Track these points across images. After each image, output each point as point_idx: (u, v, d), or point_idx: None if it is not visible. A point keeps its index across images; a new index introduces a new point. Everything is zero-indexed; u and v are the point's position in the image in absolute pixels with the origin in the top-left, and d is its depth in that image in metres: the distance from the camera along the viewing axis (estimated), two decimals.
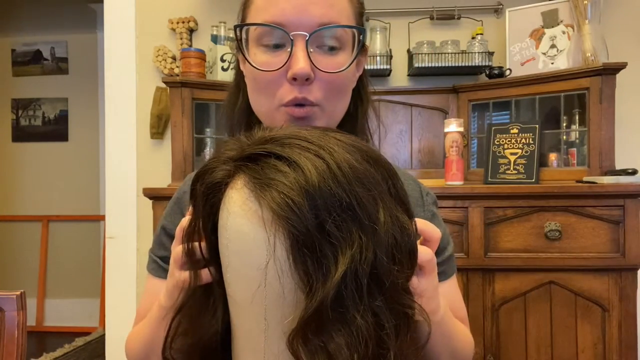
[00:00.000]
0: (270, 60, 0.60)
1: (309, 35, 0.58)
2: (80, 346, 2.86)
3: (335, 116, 0.65)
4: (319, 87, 0.60)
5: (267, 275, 0.40)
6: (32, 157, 3.45)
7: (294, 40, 0.58)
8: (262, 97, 0.63)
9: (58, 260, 3.35)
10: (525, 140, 1.62)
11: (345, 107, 0.66)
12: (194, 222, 0.47)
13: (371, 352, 0.38)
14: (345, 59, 0.61)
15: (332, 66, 0.60)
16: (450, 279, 0.70)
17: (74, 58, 3.44)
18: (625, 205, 1.36)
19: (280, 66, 0.59)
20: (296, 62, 0.58)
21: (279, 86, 0.61)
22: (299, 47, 0.58)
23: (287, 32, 0.58)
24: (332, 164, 0.39)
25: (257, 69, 0.61)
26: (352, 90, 0.68)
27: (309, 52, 0.58)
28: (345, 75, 0.62)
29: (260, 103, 0.64)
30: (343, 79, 0.62)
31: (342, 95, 0.64)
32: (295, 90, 0.59)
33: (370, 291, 0.39)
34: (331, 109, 0.63)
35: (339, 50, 0.61)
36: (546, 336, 1.40)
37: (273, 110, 0.62)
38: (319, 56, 0.60)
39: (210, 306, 0.47)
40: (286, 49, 0.59)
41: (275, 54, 0.60)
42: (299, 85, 0.59)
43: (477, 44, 1.78)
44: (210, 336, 0.47)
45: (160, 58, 1.94)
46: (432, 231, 0.47)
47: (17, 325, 0.78)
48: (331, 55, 0.61)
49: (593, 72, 1.54)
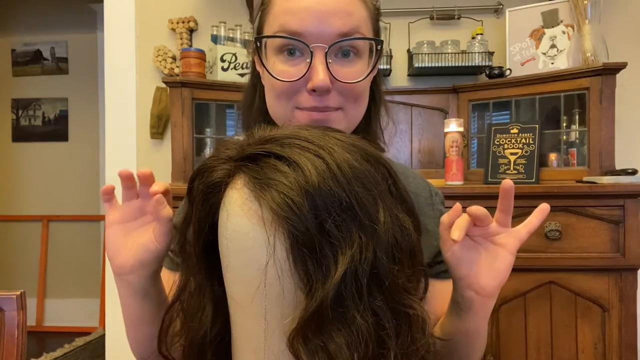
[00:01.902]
0: (289, 70, 0.61)
1: (328, 47, 0.59)
2: (80, 346, 2.86)
3: (355, 120, 0.66)
4: (339, 94, 0.62)
5: (267, 275, 0.40)
6: (32, 157, 3.45)
7: (313, 52, 0.59)
8: (279, 103, 0.64)
9: (58, 260, 3.35)
10: (525, 140, 1.62)
11: (364, 110, 0.67)
12: (188, 218, 0.47)
13: (371, 352, 0.38)
14: (363, 66, 0.62)
15: (350, 75, 0.61)
16: None
17: (74, 58, 3.44)
18: (625, 205, 1.36)
19: (299, 77, 0.60)
20: (316, 74, 0.59)
21: (297, 94, 0.62)
22: (319, 59, 0.59)
23: (307, 45, 0.59)
24: (331, 164, 0.39)
25: (276, 79, 0.61)
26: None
27: (328, 62, 0.59)
28: (362, 83, 0.63)
29: (276, 109, 0.65)
30: (360, 87, 0.63)
31: (360, 101, 0.65)
32: (314, 100, 0.60)
33: (370, 291, 0.39)
34: (352, 114, 0.64)
35: (356, 57, 0.62)
36: (546, 336, 1.40)
37: (289, 112, 0.63)
38: (337, 66, 0.61)
39: (200, 305, 0.47)
40: (305, 59, 0.60)
41: (294, 62, 0.61)
42: (319, 96, 0.60)
43: (477, 44, 1.78)
44: (204, 335, 0.47)
45: (160, 58, 1.94)
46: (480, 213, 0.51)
47: (17, 325, 0.78)
48: (349, 63, 0.61)
49: (593, 72, 1.53)
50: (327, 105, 0.61)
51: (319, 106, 0.61)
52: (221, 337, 0.48)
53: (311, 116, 0.62)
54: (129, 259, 0.56)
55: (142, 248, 0.55)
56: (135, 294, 0.58)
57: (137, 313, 0.60)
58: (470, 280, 0.53)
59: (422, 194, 0.73)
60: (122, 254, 0.56)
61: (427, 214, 0.71)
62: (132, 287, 0.58)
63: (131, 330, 0.64)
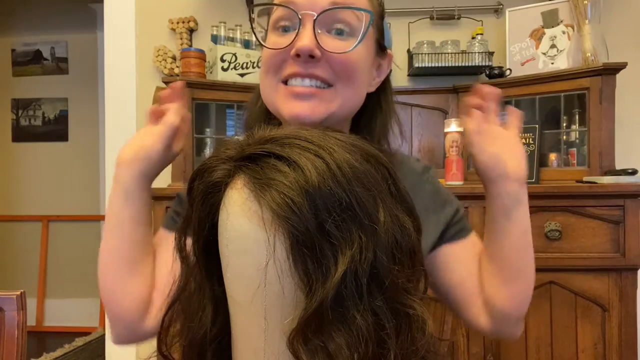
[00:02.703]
0: (279, 40, 0.60)
1: (317, 15, 0.58)
2: (80, 346, 2.86)
3: (349, 105, 0.63)
4: (328, 67, 0.60)
5: (267, 275, 0.40)
6: (32, 157, 3.45)
7: (302, 20, 0.58)
8: (267, 79, 0.63)
9: (58, 260, 3.35)
10: (525, 140, 1.62)
11: (359, 98, 0.65)
12: (188, 218, 0.47)
13: (371, 352, 0.38)
14: (355, 42, 0.60)
15: (340, 48, 0.59)
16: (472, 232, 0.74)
17: (74, 58, 3.44)
18: (625, 205, 1.36)
19: (286, 45, 0.59)
20: (300, 39, 0.58)
21: (284, 64, 0.61)
22: (307, 26, 0.58)
23: (295, 12, 0.58)
24: (332, 164, 0.39)
25: (266, 48, 0.62)
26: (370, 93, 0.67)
27: (317, 32, 0.58)
28: (355, 60, 0.60)
29: (264, 89, 0.64)
30: (352, 63, 0.60)
31: (354, 81, 0.62)
32: (298, 66, 0.59)
33: (370, 291, 0.39)
34: (345, 95, 0.61)
35: (348, 36, 0.60)
36: (546, 336, 1.40)
37: (274, 88, 0.62)
38: (327, 38, 0.59)
39: (200, 305, 0.47)
40: (296, 31, 0.59)
41: (285, 35, 0.61)
42: (303, 62, 0.59)
43: (477, 44, 1.78)
44: (204, 335, 0.47)
45: (160, 58, 1.94)
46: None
47: (17, 325, 0.78)
48: (340, 39, 0.60)
49: (593, 72, 1.53)
50: (312, 73, 0.59)
51: (301, 72, 0.59)
52: (221, 337, 0.48)
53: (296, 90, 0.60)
54: (127, 151, 0.65)
55: (141, 144, 0.65)
56: (120, 193, 0.64)
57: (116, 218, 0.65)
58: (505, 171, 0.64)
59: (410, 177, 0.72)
60: (125, 148, 0.66)
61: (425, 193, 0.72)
62: (119, 185, 0.65)
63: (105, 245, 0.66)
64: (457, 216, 0.73)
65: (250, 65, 1.78)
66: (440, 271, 0.72)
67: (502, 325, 0.69)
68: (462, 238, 0.72)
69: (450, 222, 0.72)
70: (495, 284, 0.68)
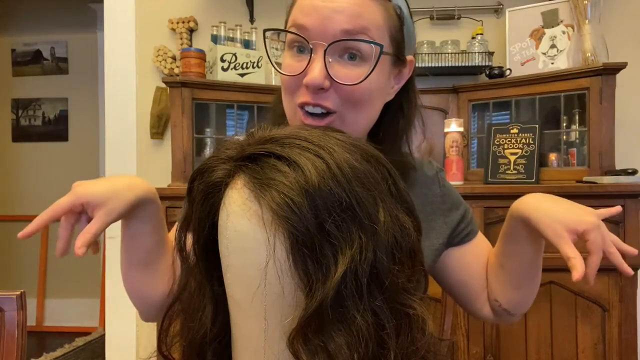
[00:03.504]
0: (293, 64, 0.62)
1: (327, 45, 0.58)
2: (80, 346, 2.86)
3: (358, 128, 0.64)
4: (337, 96, 0.61)
5: (267, 275, 0.40)
6: (32, 157, 3.45)
7: (313, 49, 0.59)
8: (286, 98, 0.65)
9: (58, 261, 3.34)
10: (525, 140, 1.62)
11: (369, 119, 0.65)
12: (188, 218, 0.47)
13: (371, 352, 0.38)
14: (365, 70, 0.60)
15: (350, 78, 0.60)
16: (478, 234, 0.78)
17: (74, 58, 3.43)
18: (625, 205, 1.36)
19: (299, 72, 0.60)
20: (311, 71, 0.59)
21: (298, 90, 0.62)
22: (317, 56, 0.59)
23: (307, 40, 0.59)
24: (331, 164, 0.39)
25: (279, 72, 0.63)
26: (387, 102, 0.67)
27: (328, 61, 0.59)
28: (366, 87, 0.61)
29: (285, 105, 0.66)
30: (363, 90, 0.61)
31: (362, 107, 0.62)
32: (308, 95, 0.60)
33: (370, 291, 0.39)
34: (352, 120, 0.62)
35: (361, 62, 0.60)
36: (546, 336, 1.40)
37: (293, 110, 0.64)
38: (338, 66, 0.60)
39: (200, 305, 0.47)
40: (309, 55, 0.60)
41: (299, 58, 0.61)
42: (312, 92, 0.60)
43: (477, 44, 1.78)
44: (204, 335, 0.47)
45: (160, 58, 1.94)
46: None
47: (17, 325, 0.78)
48: (352, 65, 0.60)
49: (593, 72, 1.53)
50: (320, 103, 0.60)
51: (311, 102, 0.60)
52: (221, 337, 0.48)
53: (305, 120, 0.62)
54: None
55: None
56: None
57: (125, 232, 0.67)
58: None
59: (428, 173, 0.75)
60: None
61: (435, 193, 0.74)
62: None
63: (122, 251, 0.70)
64: (465, 220, 0.75)
65: (250, 65, 1.78)
66: (447, 272, 0.76)
67: (503, 318, 0.75)
68: (469, 241, 0.75)
69: (458, 226, 0.75)
70: (504, 288, 0.72)
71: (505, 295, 0.72)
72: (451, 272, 0.75)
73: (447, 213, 0.74)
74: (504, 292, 0.72)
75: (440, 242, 0.73)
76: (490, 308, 0.75)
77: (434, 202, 0.74)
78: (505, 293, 0.72)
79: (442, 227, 0.74)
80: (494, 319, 0.76)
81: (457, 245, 0.75)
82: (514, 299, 0.72)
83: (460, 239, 0.75)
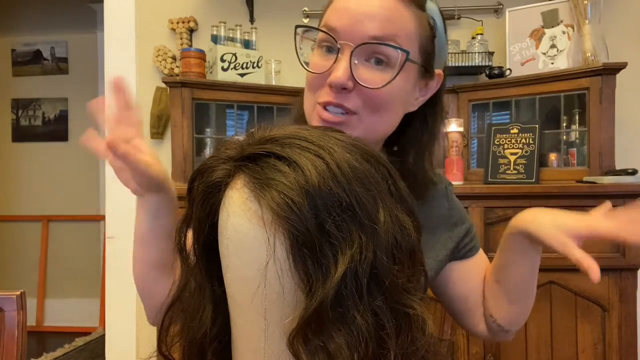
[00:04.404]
0: (320, 63, 0.62)
1: (354, 47, 0.59)
2: (80, 346, 2.86)
3: (375, 132, 0.64)
4: (358, 97, 0.61)
5: (267, 275, 0.40)
6: (32, 157, 3.45)
7: (340, 49, 0.60)
8: (308, 94, 0.66)
9: (58, 260, 3.35)
10: (525, 140, 1.62)
11: (388, 125, 0.65)
12: (188, 218, 0.47)
13: (371, 352, 0.38)
14: (390, 76, 0.60)
15: (374, 81, 0.60)
16: (479, 250, 0.80)
17: (74, 58, 3.43)
18: (625, 205, 1.36)
19: (324, 71, 0.61)
20: (335, 71, 0.59)
21: (320, 88, 0.63)
22: (343, 56, 0.60)
23: (335, 40, 0.60)
24: (331, 164, 0.39)
25: (306, 69, 0.64)
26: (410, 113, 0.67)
27: (354, 63, 0.59)
28: (388, 92, 0.61)
29: (305, 102, 0.67)
30: (385, 95, 0.61)
31: (382, 112, 0.63)
32: (329, 95, 0.61)
33: (370, 291, 0.39)
34: (370, 123, 0.63)
35: (387, 67, 0.60)
36: (546, 336, 1.40)
37: (312, 106, 0.64)
38: (364, 68, 0.60)
39: (200, 305, 0.47)
40: (336, 55, 0.61)
41: (326, 57, 0.62)
42: (335, 92, 0.60)
43: (477, 44, 1.78)
44: (204, 335, 0.47)
45: (160, 58, 1.94)
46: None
47: (17, 325, 0.78)
48: (377, 69, 0.60)
49: (593, 72, 1.53)
50: (342, 103, 0.61)
51: (332, 101, 0.61)
52: (221, 337, 0.48)
53: (321, 114, 0.62)
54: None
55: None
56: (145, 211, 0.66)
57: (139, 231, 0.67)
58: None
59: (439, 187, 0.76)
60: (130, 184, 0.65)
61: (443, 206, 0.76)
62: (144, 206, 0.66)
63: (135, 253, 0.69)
64: (469, 235, 0.77)
65: (250, 65, 1.78)
66: (448, 285, 0.78)
67: (498, 335, 0.77)
68: (471, 256, 0.78)
69: (462, 240, 0.76)
70: (499, 303, 0.74)
71: (501, 310, 0.74)
72: (451, 285, 0.77)
73: (452, 227, 0.76)
74: (499, 307, 0.74)
75: (444, 254, 0.75)
76: (485, 324, 0.77)
77: (441, 216, 0.75)
78: (500, 308, 0.74)
79: (446, 240, 0.75)
80: (489, 335, 0.78)
81: (460, 259, 0.77)
82: (509, 314, 0.74)
83: (463, 253, 0.77)
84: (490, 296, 0.75)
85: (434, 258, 0.73)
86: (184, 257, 0.48)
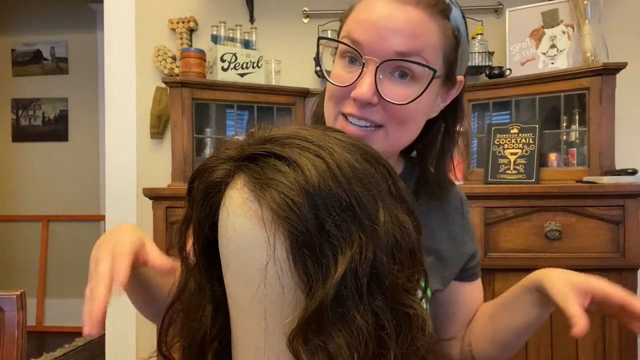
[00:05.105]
0: (343, 75, 0.61)
1: (379, 62, 0.58)
2: (80, 346, 2.86)
3: (400, 143, 0.65)
4: (384, 112, 0.61)
5: (267, 275, 0.40)
6: (32, 157, 3.44)
7: (365, 64, 0.59)
8: (329, 104, 0.65)
9: (58, 260, 3.35)
10: (525, 140, 1.62)
11: (412, 136, 0.65)
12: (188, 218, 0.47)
13: (371, 352, 0.38)
14: (415, 91, 0.60)
15: (399, 97, 0.59)
16: (479, 279, 0.80)
17: (74, 58, 3.43)
18: (625, 205, 1.36)
19: (348, 84, 0.60)
20: (360, 86, 0.59)
21: (344, 100, 0.62)
22: (368, 71, 0.59)
23: (360, 55, 0.59)
24: (331, 164, 0.39)
25: (329, 81, 0.63)
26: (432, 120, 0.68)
27: (378, 77, 0.59)
28: (413, 107, 0.60)
29: (326, 111, 0.66)
30: (410, 110, 0.61)
31: (406, 126, 0.63)
32: (355, 108, 0.60)
33: (370, 291, 0.39)
34: (395, 135, 0.62)
35: (412, 81, 0.60)
36: (546, 336, 1.40)
37: (334, 117, 0.64)
38: (389, 83, 0.60)
39: (200, 305, 0.47)
40: (360, 68, 0.60)
41: (350, 69, 0.61)
42: (360, 107, 0.60)
43: (477, 44, 1.78)
44: (204, 335, 0.47)
45: (160, 58, 1.94)
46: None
47: (17, 325, 0.78)
48: (402, 84, 0.60)
49: (593, 72, 1.53)
50: (367, 117, 0.60)
51: (357, 115, 0.60)
52: (221, 337, 0.48)
53: (345, 128, 0.61)
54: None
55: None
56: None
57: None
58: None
59: (453, 202, 0.76)
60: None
61: (456, 223, 0.76)
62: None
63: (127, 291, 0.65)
64: (475, 258, 0.78)
65: (250, 65, 1.78)
66: (442, 302, 0.77)
67: None
68: (469, 281, 0.78)
69: (466, 264, 0.76)
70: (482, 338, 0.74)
71: (481, 345, 0.74)
72: (445, 303, 0.77)
73: (460, 244, 0.76)
74: (481, 342, 0.74)
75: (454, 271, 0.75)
76: (459, 349, 0.78)
77: (452, 231, 0.75)
78: (481, 343, 0.74)
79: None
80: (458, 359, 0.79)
81: (461, 280, 0.77)
82: (485, 352, 0.74)
83: (467, 275, 0.77)
84: (477, 328, 0.76)
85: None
86: (184, 257, 0.48)
